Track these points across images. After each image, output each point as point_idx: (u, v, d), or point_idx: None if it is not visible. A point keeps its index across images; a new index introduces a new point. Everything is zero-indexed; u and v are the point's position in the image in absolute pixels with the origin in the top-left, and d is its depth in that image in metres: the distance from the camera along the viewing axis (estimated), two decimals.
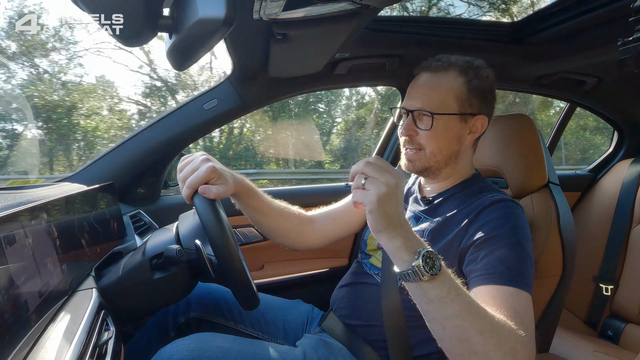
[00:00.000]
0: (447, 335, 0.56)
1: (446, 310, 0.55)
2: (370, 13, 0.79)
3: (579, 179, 1.79)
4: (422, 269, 0.54)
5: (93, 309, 0.58)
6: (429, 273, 0.54)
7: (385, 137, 1.55)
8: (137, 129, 1.17)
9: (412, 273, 0.55)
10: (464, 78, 0.83)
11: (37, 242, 0.51)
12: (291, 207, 0.98)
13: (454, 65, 0.83)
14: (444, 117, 0.81)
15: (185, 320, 0.91)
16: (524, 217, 0.76)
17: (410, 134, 0.84)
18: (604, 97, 1.59)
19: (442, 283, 0.55)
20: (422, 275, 0.54)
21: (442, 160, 0.85)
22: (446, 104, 0.82)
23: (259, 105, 1.24)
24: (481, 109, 0.85)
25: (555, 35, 1.13)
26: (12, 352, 0.41)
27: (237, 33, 0.82)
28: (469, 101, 0.83)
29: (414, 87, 0.87)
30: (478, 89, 0.83)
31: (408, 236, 0.58)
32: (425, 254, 0.55)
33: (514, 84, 1.45)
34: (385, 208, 0.56)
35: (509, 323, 0.57)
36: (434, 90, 0.83)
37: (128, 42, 0.61)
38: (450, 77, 0.83)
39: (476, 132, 0.85)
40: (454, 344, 0.55)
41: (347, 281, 0.96)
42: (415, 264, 0.54)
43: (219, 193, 0.70)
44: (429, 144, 0.83)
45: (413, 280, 0.55)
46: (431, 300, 0.55)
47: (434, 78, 0.84)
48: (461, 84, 0.82)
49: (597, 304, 1.47)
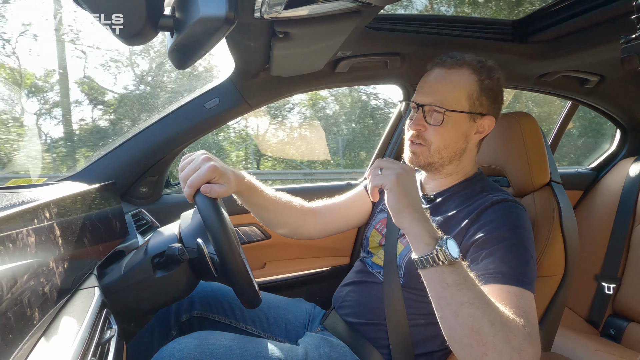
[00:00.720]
0: (459, 323, 0.56)
1: (462, 297, 0.56)
2: (371, 11, 0.79)
3: (581, 178, 1.78)
4: (445, 252, 0.57)
5: (95, 308, 0.58)
6: (449, 257, 0.57)
7: (388, 132, 1.54)
8: (138, 128, 1.17)
9: (434, 257, 0.57)
10: (476, 77, 0.82)
11: (39, 241, 0.51)
12: (293, 199, 0.98)
13: (467, 64, 0.83)
14: (454, 115, 0.81)
15: (187, 318, 0.91)
16: (526, 217, 0.76)
17: (419, 129, 0.84)
18: (607, 95, 1.58)
19: (460, 269, 0.58)
20: (444, 260, 0.57)
21: (447, 157, 0.84)
22: (458, 102, 0.81)
23: (261, 104, 1.24)
24: (490, 109, 0.85)
25: (557, 33, 1.12)
26: (15, 351, 0.41)
27: (238, 32, 0.82)
28: (480, 100, 0.83)
29: (426, 82, 0.86)
30: (489, 89, 0.83)
31: (428, 220, 0.62)
32: (447, 239, 0.58)
33: (516, 82, 1.44)
34: (404, 186, 0.63)
35: (517, 319, 0.58)
36: (446, 87, 0.82)
37: (129, 42, 0.61)
38: (463, 75, 0.83)
39: (483, 132, 0.86)
40: (465, 333, 0.56)
41: (350, 280, 0.96)
42: (438, 248, 0.57)
43: (221, 192, 0.70)
44: (436, 140, 0.83)
45: (432, 265, 0.58)
46: (449, 285, 0.57)
47: (448, 74, 0.83)
48: (474, 82, 0.82)
49: (599, 302, 1.46)
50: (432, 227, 0.61)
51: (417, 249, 0.60)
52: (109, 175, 1.12)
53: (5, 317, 0.40)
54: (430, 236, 0.59)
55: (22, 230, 0.47)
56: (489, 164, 1.03)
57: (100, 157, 1.15)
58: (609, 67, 1.34)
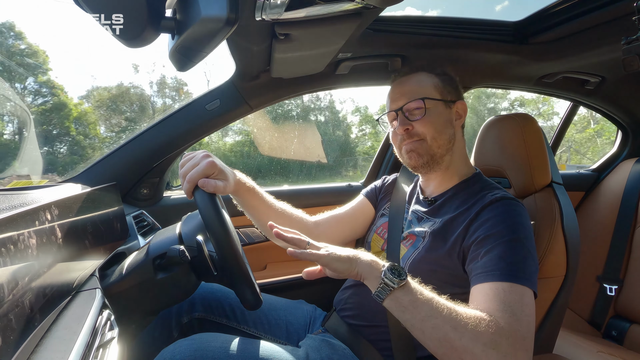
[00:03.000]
0: (428, 337, 0.60)
1: (420, 313, 0.60)
2: (372, 13, 0.79)
3: (582, 179, 1.78)
4: (389, 277, 0.63)
5: (96, 309, 0.58)
6: (398, 279, 0.62)
7: (381, 149, 1.56)
8: (139, 130, 1.17)
9: (384, 285, 0.63)
10: (433, 74, 0.91)
11: (40, 243, 0.51)
12: (294, 210, 0.98)
13: (419, 68, 0.92)
14: (432, 103, 0.87)
15: (189, 320, 0.91)
16: (524, 214, 0.76)
17: (407, 128, 0.87)
18: (608, 96, 1.58)
19: (411, 288, 0.63)
20: (392, 284, 0.62)
21: (444, 145, 0.88)
22: (429, 93, 0.88)
23: (262, 106, 1.24)
24: (457, 95, 0.92)
25: (558, 35, 1.13)
26: (16, 352, 0.41)
27: (239, 33, 0.82)
28: (447, 89, 0.90)
29: (394, 92, 0.92)
30: (449, 78, 0.92)
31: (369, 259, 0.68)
32: (389, 266, 0.64)
33: (516, 83, 1.44)
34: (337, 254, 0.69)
35: (489, 316, 0.60)
36: (414, 87, 0.89)
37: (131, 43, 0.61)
38: (422, 76, 0.91)
39: (461, 117, 0.91)
40: (436, 345, 0.59)
41: (352, 282, 0.96)
42: (383, 276, 0.63)
43: (218, 187, 0.70)
44: (428, 130, 0.86)
45: (388, 294, 0.63)
46: (405, 307, 0.62)
47: (407, 79, 0.91)
48: (433, 77, 0.90)
49: (601, 304, 1.46)
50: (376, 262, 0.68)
51: (372, 285, 0.66)
52: (110, 176, 1.12)
53: (6, 318, 0.40)
54: (377, 269, 0.66)
55: (24, 231, 0.47)
56: (489, 166, 1.03)
57: (101, 159, 1.15)
58: (610, 68, 1.34)
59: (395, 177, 1.10)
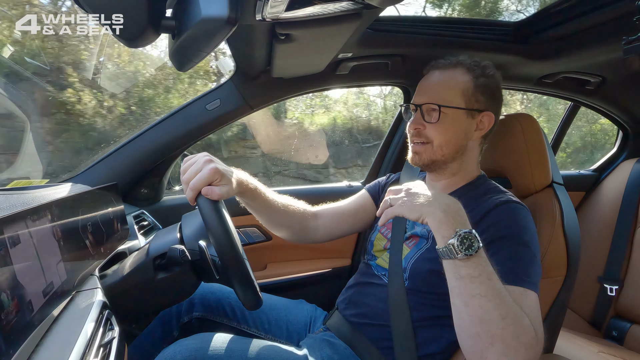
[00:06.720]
0: (469, 313, 0.59)
1: (473, 290, 0.59)
2: (372, 13, 0.79)
3: (583, 179, 1.78)
4: (456, 248, 0.59)
5: (97, 309, 0.58)
6: (463, 252, 0.59)
7: (388, 135, 1.54)
8: (140, 130, 1.17)
9: (448, 251, 0.60)
10: (470, 75, 0.86)
11: (41, 243, 0.51)
12: (296, 203, 0.98)
13: (461, 63, 0.87)
14: (450, 111, 0.84)
15: (189, 320, 0.91)
16: (529, 218, 0.76)
17: (418, 128, 0.87)
18: (608, 96, 1.57)
19: (475, 264, 0.60)
20: (456, 254, 0.59)
21: (449, 154, 0.86)
22: (453, 98, 0.84)
23: (262, 106, 1.24)
24: (487, 105, 0.87)
25: (559, 35, 1.12)
26: (16, 351, 0.41)
27: (239, 33, 0.82)
28: (475, 97, 0.85)
29: (422, 84, 0.90)
30: (484, 85, 0.86)
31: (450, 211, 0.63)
32: (462, 234, 0.60)
33: (517, 83, 1.44)
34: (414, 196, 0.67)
35: (527, 318, 0.60)
36: (440, 86, 0.86)
37: (132, 43, 0.61)
38: (457, 73, 0.86)
39: (483, 128, 0.87)
40: (474, 322, 0.58)
41: (354, 281, 0.96)
42: (451, 242, 0.60)
43: (222, 194, 0.69)
44: (437, 137, 0.85)
45: (449, 258, 0.61)
46: (461, 277, 0.60)
47: (442, 75, 0.87)
48: (468, 80, 0.85)
49: (602, 304, 1.46)
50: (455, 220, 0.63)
51: (437, 241, 0.63)
52: (110, 176, 1.12)
53: (7, 318, 0.40)
54: (449, 229, 0.62)
55: (24, 231, 0.47)
56: (490, 166, 1.03)
57: (102, 159, 1.15)
58: (611, 68, 1.33)
59: (399, 175, 1.10)
